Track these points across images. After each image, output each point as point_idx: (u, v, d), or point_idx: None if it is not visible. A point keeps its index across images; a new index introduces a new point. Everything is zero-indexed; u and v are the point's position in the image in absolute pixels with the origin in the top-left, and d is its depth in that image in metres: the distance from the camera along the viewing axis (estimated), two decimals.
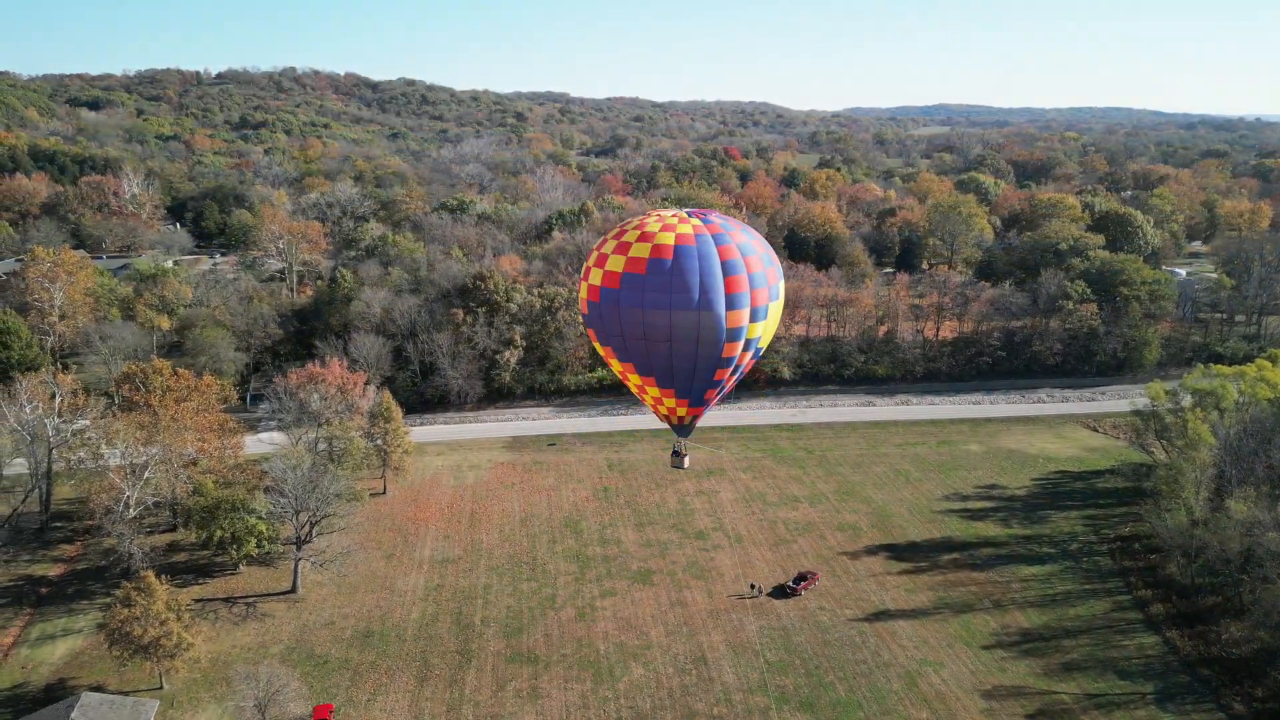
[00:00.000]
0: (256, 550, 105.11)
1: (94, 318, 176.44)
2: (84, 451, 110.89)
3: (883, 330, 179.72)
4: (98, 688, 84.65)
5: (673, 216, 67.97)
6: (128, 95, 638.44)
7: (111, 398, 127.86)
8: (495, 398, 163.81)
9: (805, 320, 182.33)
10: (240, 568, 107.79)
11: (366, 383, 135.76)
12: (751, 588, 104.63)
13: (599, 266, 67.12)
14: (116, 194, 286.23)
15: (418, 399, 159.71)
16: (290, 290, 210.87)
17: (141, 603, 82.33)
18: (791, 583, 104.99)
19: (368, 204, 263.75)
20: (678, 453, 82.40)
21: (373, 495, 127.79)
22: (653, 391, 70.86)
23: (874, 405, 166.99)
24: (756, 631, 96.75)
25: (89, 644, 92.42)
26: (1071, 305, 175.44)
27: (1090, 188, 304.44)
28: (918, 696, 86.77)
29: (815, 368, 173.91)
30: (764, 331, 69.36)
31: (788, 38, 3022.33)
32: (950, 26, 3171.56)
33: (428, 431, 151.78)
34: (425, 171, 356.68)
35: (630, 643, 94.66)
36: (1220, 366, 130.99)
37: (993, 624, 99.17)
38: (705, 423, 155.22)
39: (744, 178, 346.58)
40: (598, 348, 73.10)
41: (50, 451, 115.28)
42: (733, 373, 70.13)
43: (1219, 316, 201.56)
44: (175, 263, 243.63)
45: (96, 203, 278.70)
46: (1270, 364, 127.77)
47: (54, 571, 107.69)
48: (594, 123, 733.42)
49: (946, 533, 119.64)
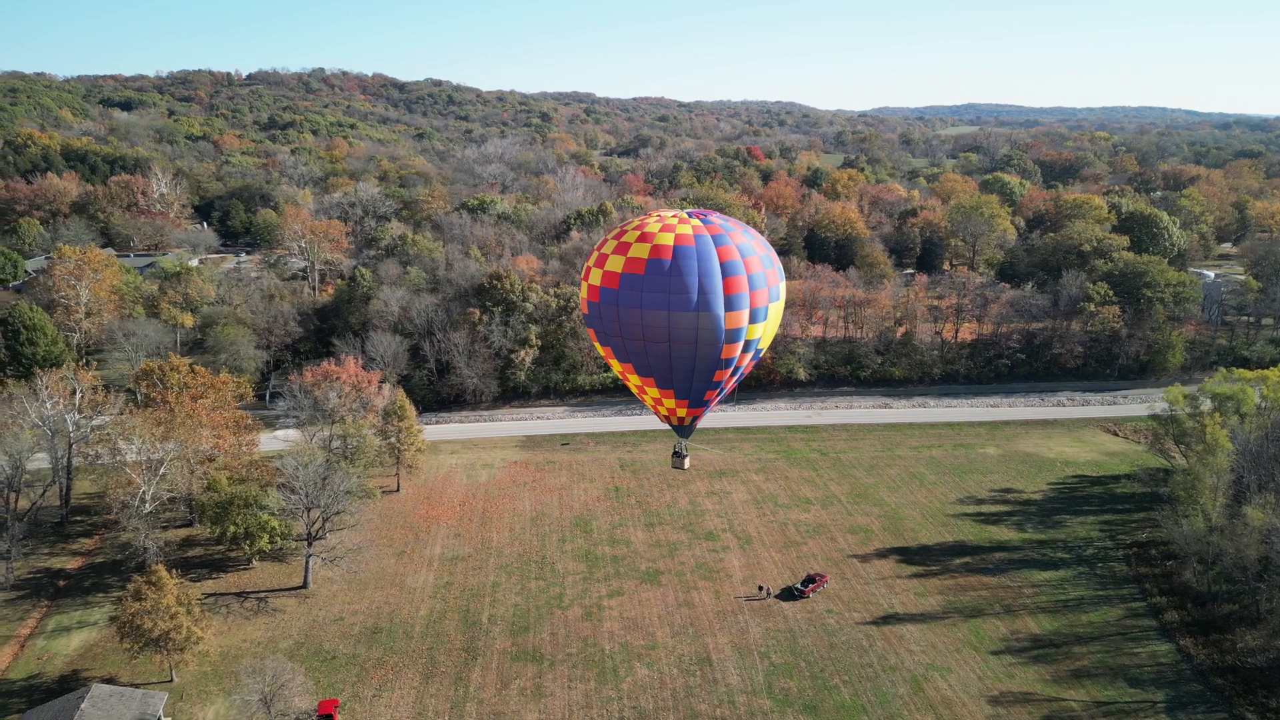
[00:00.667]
0: (269, 546, 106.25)
1: (119, 315, 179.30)
2: (102, 447, 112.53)
3: (901, 332, 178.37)
4: (110, 680, 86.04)
5: (673, 217, 67.92)
6: (160, 96, 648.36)
7: (132, 394, 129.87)
8: (510, 397, 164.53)
9: (822, 321, 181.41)
10: (253, 563, 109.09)
11: (381, 381, 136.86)
12: (759, 589, 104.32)
13: (599, 267, 67.24)
14: (145, 193, 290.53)
15: (434, 397, 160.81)
16: (312, 289, 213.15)
17: (152, 596, 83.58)
18: (800, 585, 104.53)
19: (389, 203, 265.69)
20: (678, 453, 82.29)
21: (386, 493, 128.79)
22: (652, 392, 70.87)
23: (890, 407, 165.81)
24: (762, 633, 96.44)
25: (103, 636, 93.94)
26: (1093, 307, 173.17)
27: (1118, 188, 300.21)
28: (923, 701, 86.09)
29: (831, 369, 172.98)
30: (764, 333, 69.07)
31: (815, 37, 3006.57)
32: (980, 25, 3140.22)
33: (443, 430, 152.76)
34: (449, 172, 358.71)
35: (635, 643, 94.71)
36: (1242, 371, 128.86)
37: (1002, 629, 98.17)
38: (719, 423, 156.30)
39: (766, 178, 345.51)
40: (598, 348, 73.20)
41: (70, 447, 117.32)
42: (732, 374, 69.95)
43: (1246, 320, 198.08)
44: (201, 261, 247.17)
45: (125, 202, 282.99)
46: None
47: (72, 565, 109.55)
48: (619, 123, 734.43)
49: (959, 536, 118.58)
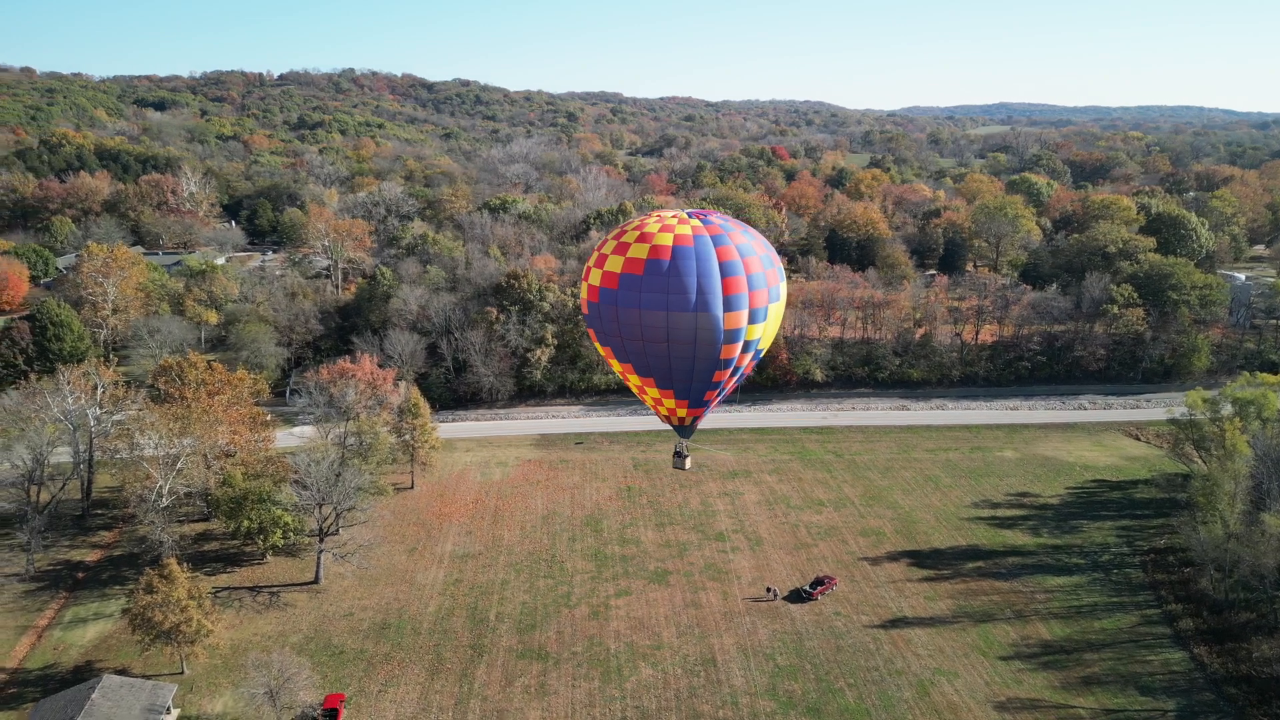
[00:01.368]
0: (282, 541, 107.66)
1: (145, 312, 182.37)
2: (121, 442, 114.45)
3: (920, 333, 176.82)
4: (122, 671, 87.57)
5: (673, 217, 67.91)
6: (193, 96, 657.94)
7: (153, 389, 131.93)
8: (526, 395, 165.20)
9: (840, 322, 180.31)
10: (267, 558, 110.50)
11: (397, 379, 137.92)
12: (767, 591, 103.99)
13: (598, 267, 67.41)
14: (174, 192, 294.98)
15: (450, 396, 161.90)
16: (335, 287, 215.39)
17: (163, 589, 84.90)
18: (808, 587, 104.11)
19: (411, 203, 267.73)
20: (680, 453, 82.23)
21: (401, 490, 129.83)
22: (652, 392, 70.95)
23: (908, 409, 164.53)
24: (769, 635, 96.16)
25: (118, 628, 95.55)
26: (1116, 309, 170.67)
27: (1148, 189, 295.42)
28: (928, 706, 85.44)
29: (848, 370, 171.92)
30: (764, 333, 68.86)
31: (844, 36, 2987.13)
32: (1011, 23, 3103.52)
33: (458, 428, 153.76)
34: (474, 171, 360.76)
35: (641, 643, 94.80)
36: (1265, 375, 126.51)
37: (1013, 634, 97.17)
38: (733, 423, 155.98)
39: (790, 177, 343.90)
40: (598, 348, 73.38)
41: (91, 441, 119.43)
42: (732, 374, 69.81)
43: (1276, 324, 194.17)
44: (227, 259, 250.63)
45: (155, 201, 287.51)
46: None
47: (91, 557, 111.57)
48: (645, 122, 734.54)
49: (973, 540, 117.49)
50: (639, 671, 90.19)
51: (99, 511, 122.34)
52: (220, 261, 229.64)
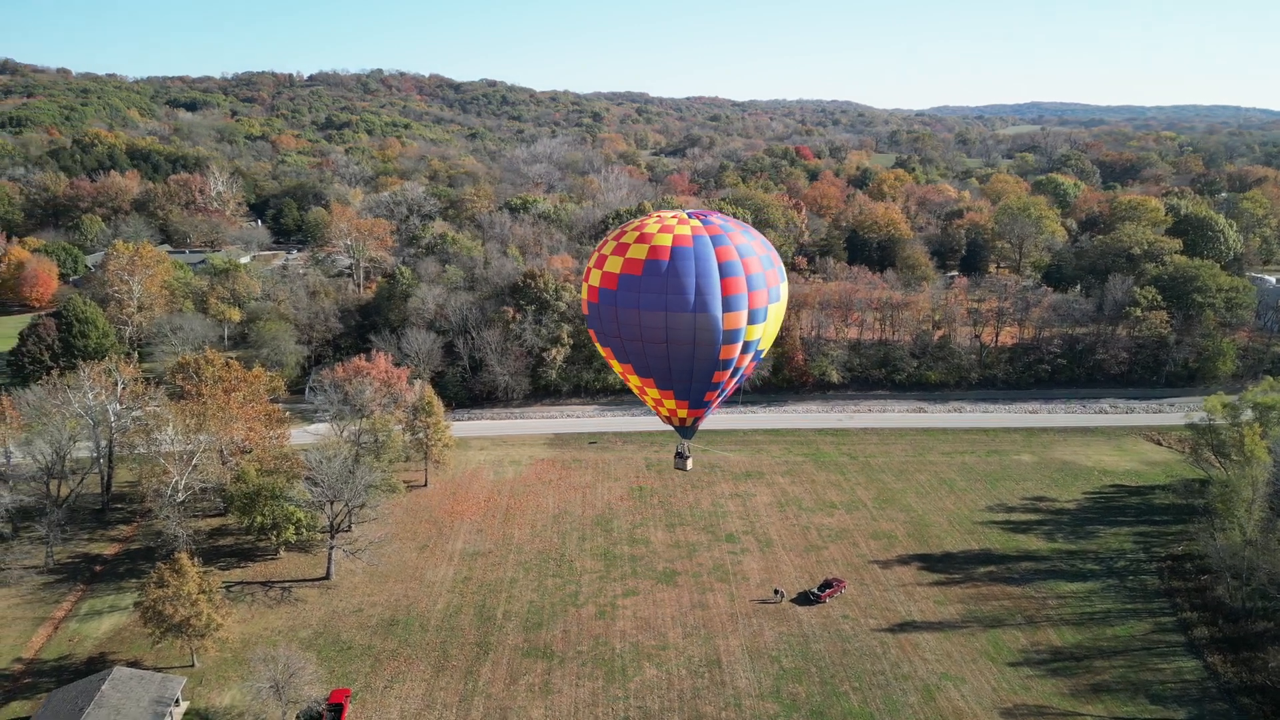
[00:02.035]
0: (294, 537, 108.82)
1: (169, 310, 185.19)
2: (139, 437, 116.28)
3: (938, 335, 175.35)
4: (134, 663, 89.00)
5: (672, 218, 67.87)
6: (224, 97, 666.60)
7: (173, 386, 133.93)
8: (541, 394, 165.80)
9: (858, 323, 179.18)
10: (280, 553, 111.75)
11: (411, 377, 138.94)
12: (775, 593, 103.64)
13: (598, 267, 67.55)
14: (202, 191, 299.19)
15: (466, 394, 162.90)
16: (357, 286, 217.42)
17: (174, 583, 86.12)
18: (816, 589, 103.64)
19: (433, 202, 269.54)
20: (681, 454, 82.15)
21: (414, 487, 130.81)
22: (653, 393, 70.99)
23: (925, 412, 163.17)
24: (775, 637, 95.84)
25: (132, 621, 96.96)
26: (1139, 312, 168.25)
27: (1177, 190, 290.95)
28: (934, 711, 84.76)
29: (865, 372, 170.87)
30: (764, 334, 68.62)
31: (873, 35, 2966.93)
32: (1044, 21, 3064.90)
33: (473, 426, 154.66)
34: (498, 171, 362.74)
35: (646, 643, 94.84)
36: None
37: (1023, 640, 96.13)
38: (747, 424, 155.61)
39: (814, 177, 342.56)
40: (599, 349, 73.55)
41: (112, 436, 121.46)
42: (732, 375, 69.65)
43: None
44: (253, 258, 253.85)
45: (183, 200, 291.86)
46: None
47: (109, 550, 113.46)
48: (670, 122, 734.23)
49: (985, 545, 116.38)
50: (643, 671, 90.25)
51: (118, 506, 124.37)
52: (245, 260, 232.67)
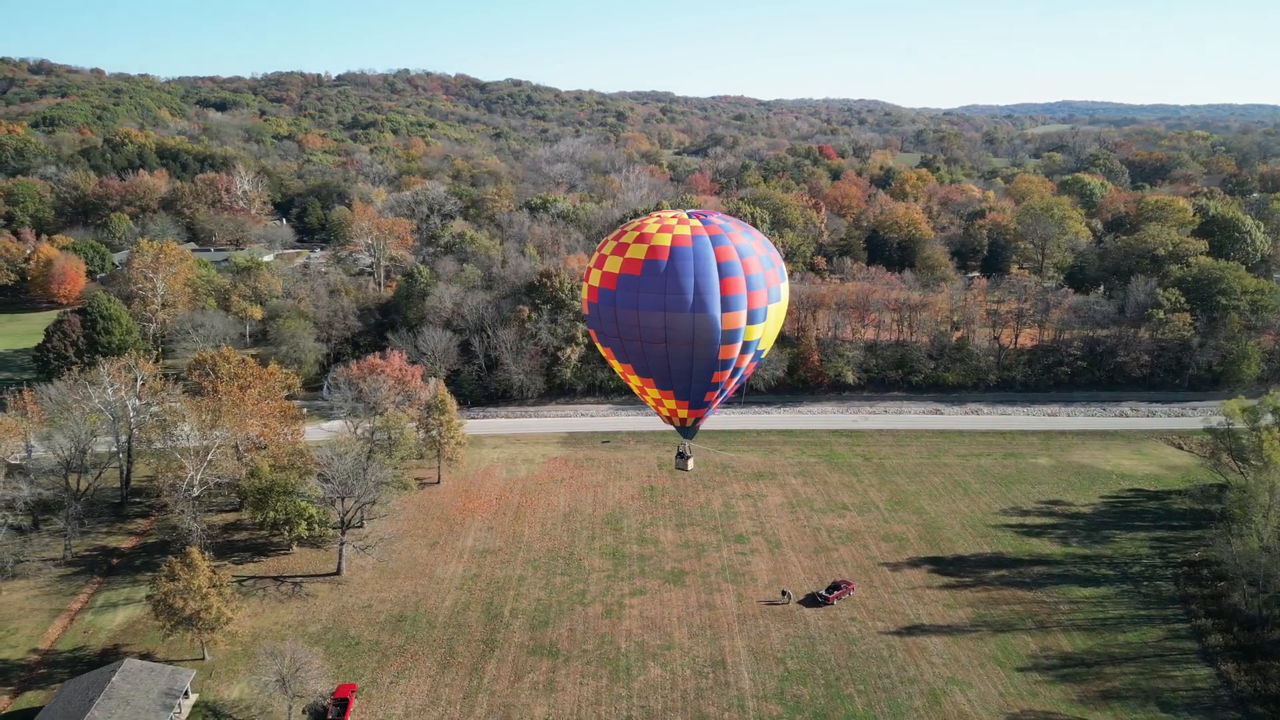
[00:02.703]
0: (307, 533, 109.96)
1: (192, 307, 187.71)
2: (154, 433, 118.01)
3: (956, 336, 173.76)
4: (147, 655, 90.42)
5: (672, 218, 67.82)
6: (253, 97, 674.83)
7: (189, 382, 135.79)
8: (556, 393, 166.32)
9: (875, 324, 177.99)
10: (292, 549, 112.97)
11: (425, 375, 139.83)
12: (782, 594, 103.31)
13: (598, 267, 67.68)
14: (228, 190, 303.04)
15: (481, 393, 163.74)
16: (378, 284, 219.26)
17: (185, 577, 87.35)
18: (824, 591, 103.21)
19: (453, 202, 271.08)
20: (682, 454, 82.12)
21: (427, 485, 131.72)
22: (653, 393, 71.00)
23: (941, 414, 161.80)
24: (781, 639, 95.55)
25: (145, 614, 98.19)
26: (1162, 314, 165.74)
27: (1206, 190, 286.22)
28: (938, 715, 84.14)
29: (881, 373, 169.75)
30: (764, 334, 68.38)
31: (901, 34, 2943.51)
32: (1074, 19, 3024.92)
33: (488, 425, 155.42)
34: (520, 171, 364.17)
35: (652, 642, 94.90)
36: None
37: (1032, 645, 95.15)
38: (761, 424, 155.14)
39: (836, 177, 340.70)
40: (599, 348, 73.67)
41: (131, 431, 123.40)
42: (732, 375, 69.46)
43: None
44: (276, 256, 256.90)
45: (210, 199, 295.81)
46: None
47: (126, 544, 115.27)
48: (694, 122, 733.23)
49: (998, 548, 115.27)
50: (648, 671, 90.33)
51: (136, 500, 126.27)
52: (268, 258, 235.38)
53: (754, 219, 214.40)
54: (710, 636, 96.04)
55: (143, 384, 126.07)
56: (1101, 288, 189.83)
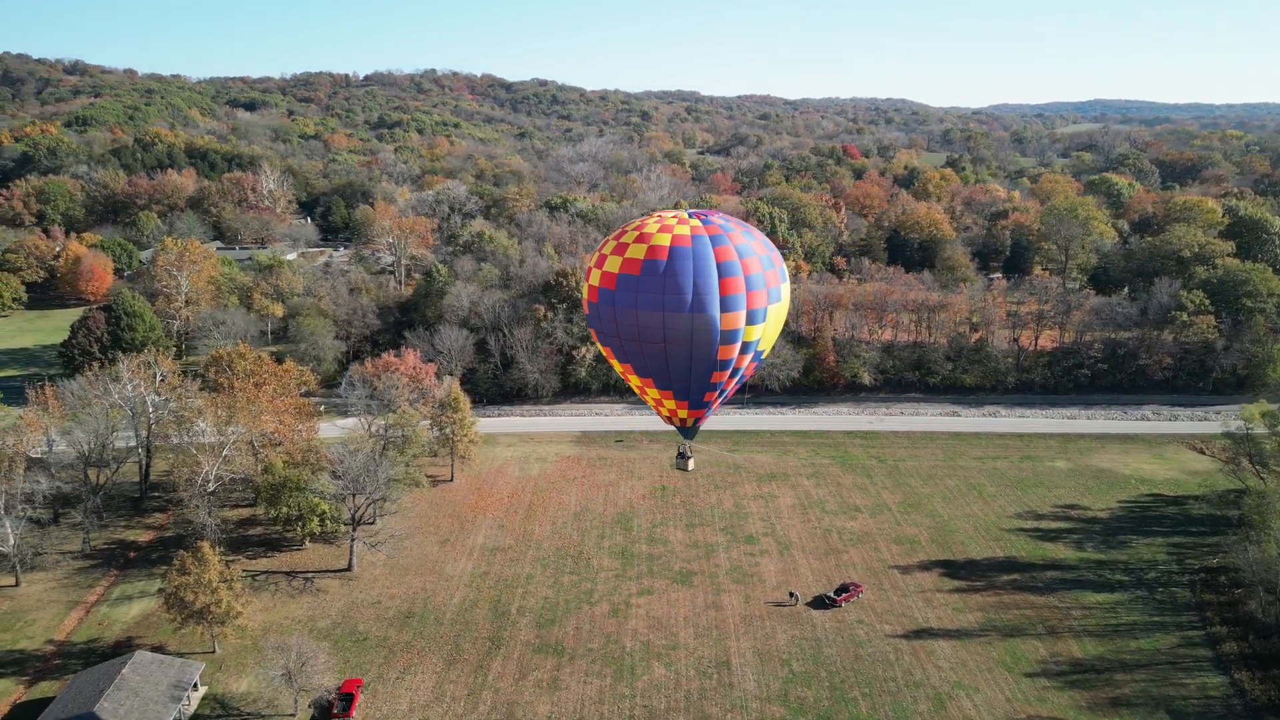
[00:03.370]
0: (319, 529, 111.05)
1: (215, 305, 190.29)
2: (172, 428, 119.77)
3: (975, 338, 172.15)
4: (159, 648, 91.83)
5: (672, 218, 67.84)
6: (282, 97, 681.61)
7: (206, 378, 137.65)
8: (571, 392, 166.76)
9: (893, 324, 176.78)
10: (305, 544, 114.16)
11: (440, 373, 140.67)
12: (790, 596, 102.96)
13: (598, 267, 67.82)
14: (254, 189, 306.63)
15: (497, 391, 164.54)
16: (399, 283, 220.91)
17: (195, 571, 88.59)
18: (832, 593, 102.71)
19: (474, 201, 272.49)
20: (683, 454, 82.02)
21: (440, 482, 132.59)
22: (653, 393, 71.04)
23: (958, 415, 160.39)
24: (787, 640, 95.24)
25: (158, 607, 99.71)
26: (1186, 317, 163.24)
27: (1237, 190, 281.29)
28: None
29: (898, 374, 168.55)
30: (764, 334, 68.17)
31: (930, 32, 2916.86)
32: (1106, 16, 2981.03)
33: (502, 423, 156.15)
34: (543, 170, 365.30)
35: (657, 642, 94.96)
36: None
37: (1042, 651, 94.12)
38: (774, 425, 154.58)
39: (859, 176, 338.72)
40: (600, 348, 73.76)
41: (150, 427, 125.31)
42: (731, 375, 69.34)
43: None
44: (300, 255, 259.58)
45: (236, 198, 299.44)
46: None
47: (144, 538, 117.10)
48: (719, 121, 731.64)
49: (1010, 552, 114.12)
50: (652, 671, 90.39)
51: (155, 494, 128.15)
52: (291, 257, 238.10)
53: (772, 219, 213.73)
54: (716, 637, 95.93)
55: (162, 380, 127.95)
56: (1125, 289, 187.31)
